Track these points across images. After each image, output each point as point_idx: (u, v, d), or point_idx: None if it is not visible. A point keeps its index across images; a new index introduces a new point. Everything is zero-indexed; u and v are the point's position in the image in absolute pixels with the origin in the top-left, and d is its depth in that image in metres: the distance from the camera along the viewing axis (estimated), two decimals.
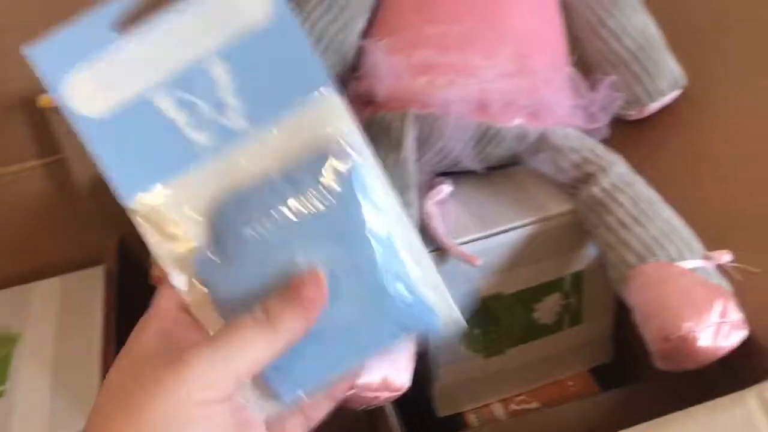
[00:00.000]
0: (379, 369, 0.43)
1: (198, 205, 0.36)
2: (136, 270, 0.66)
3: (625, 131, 0.56)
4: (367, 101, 0.54)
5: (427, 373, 0.57)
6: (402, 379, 0.45)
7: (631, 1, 0.57)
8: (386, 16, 0.55)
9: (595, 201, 0.49)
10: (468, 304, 0.52)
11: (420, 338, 0.37)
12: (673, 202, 0.48)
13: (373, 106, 0.54)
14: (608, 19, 0.56)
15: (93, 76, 0.35)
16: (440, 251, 0.50)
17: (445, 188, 0.52)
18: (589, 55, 0.58)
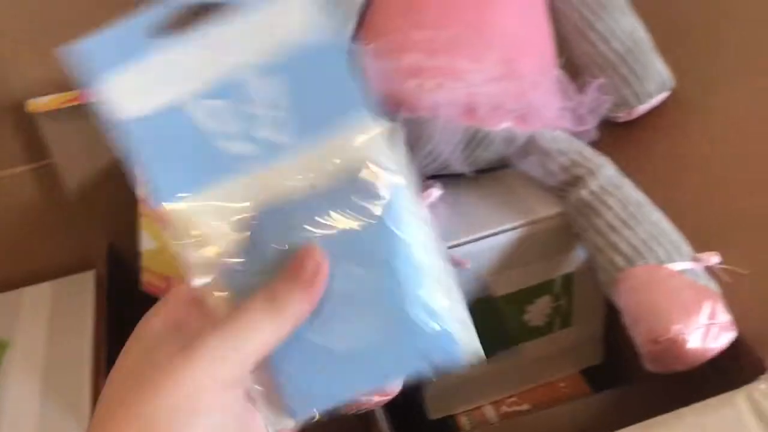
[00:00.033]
0: None
1: (229, 214, 0.36)
2: (126, 275, 0.66)
3: (614, 133, 0.56)
4: None
5: None
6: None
7: (619, 4, 0.57)
8: (374, 19, 0.55)
9: (584, 204, 0.49)
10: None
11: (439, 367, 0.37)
12: (662, 204, 0.48)
13: None
14: (596, 22, 0.56)
15: (135, 79, 0.35)
16: None
17: (435, 191, 0.52)
18: (577, 57, 0.58)
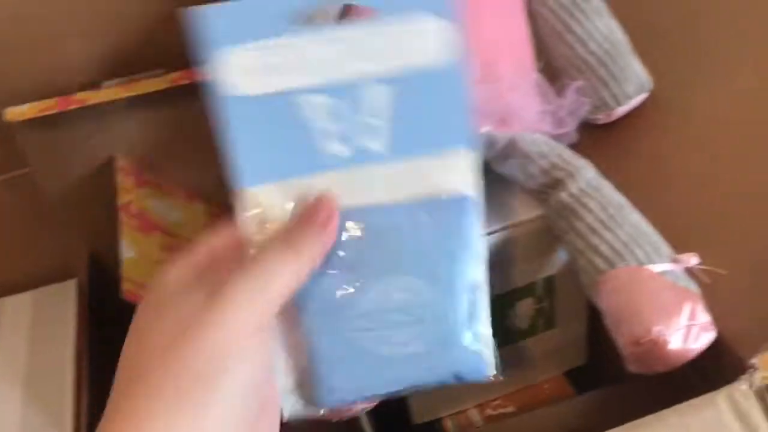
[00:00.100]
0: None
1: None
2: (108, 284, 0.66)
3: (593, 136, 0.56)
4: None
5: None
6: None
7: (596, 7, 0.57)
8: None
9: (564, 207, 0.49)
10: None
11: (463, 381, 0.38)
12: (641, 206, 0.48)
13: None
14: (574, 25, 0.56)
15: (256, 58, 0.35)
16: None
17: None
18: (555, 60, 0.58)
